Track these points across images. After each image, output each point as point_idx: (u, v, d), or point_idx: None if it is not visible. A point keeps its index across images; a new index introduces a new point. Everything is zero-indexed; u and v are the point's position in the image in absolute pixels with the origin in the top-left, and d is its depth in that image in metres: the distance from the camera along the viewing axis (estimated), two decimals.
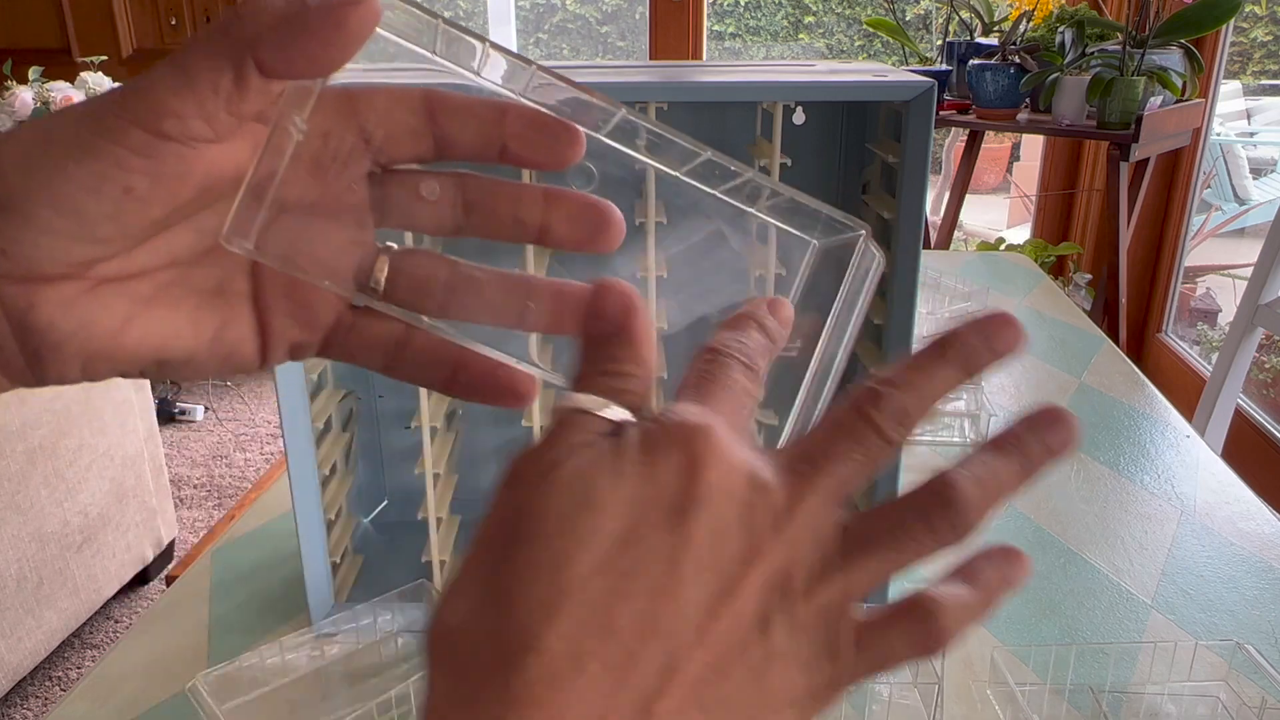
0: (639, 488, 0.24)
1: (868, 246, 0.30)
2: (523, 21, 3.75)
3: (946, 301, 1.31)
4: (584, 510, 0.23)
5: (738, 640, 0.24)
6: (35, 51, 3.15)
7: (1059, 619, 0.73)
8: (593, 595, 0.23)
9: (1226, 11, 2.10)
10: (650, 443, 0.25)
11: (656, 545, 0.23)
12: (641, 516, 0.24)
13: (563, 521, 0.23)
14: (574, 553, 0.23)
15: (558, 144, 0.30)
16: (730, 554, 0.24)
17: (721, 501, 0.24)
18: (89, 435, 1.81)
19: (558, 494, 0.24)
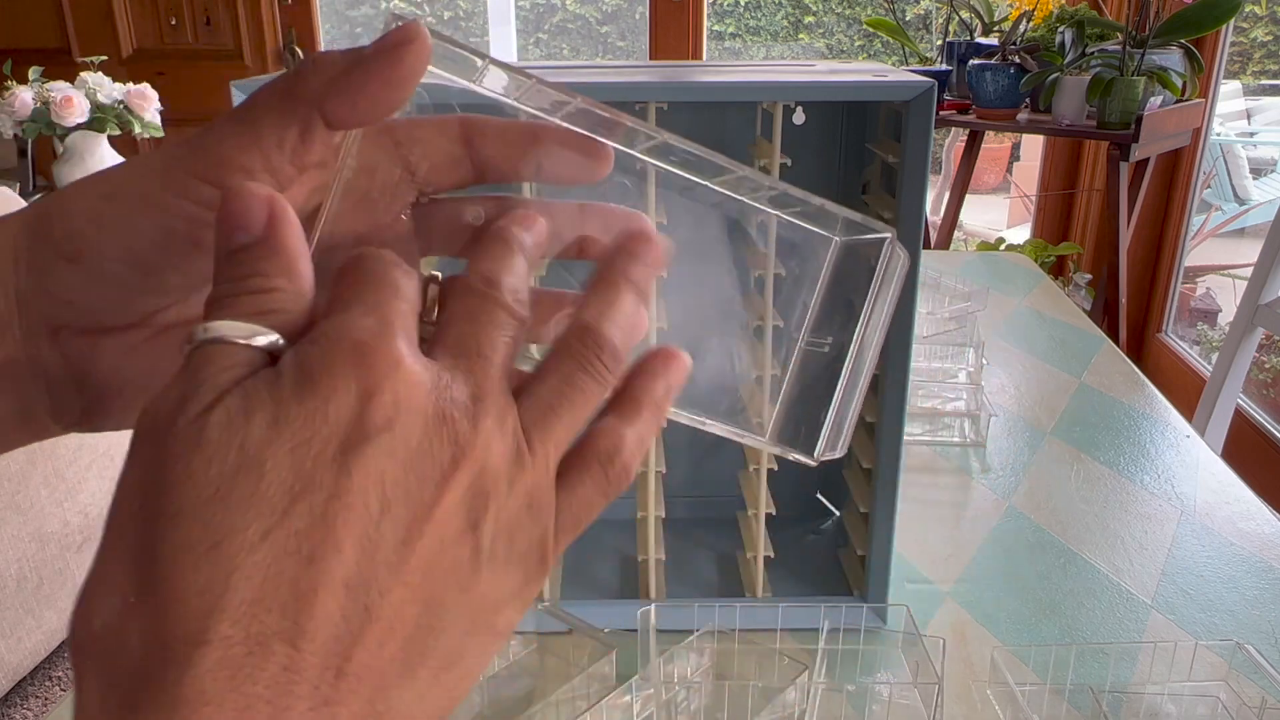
0: (302, 430, 0.21)
1: (894, 248, 0.31)
2: (523, 21, 3.75)
3: (946, 301, 1.31)
4: (241, 472, 0.20)
5: (442, 564, 0.22)
6: (35, 51, 3.15)
7: (1059, 619, 0.73)
8: (263, 565, 0.20)
9: (1226, 11, 2.10)
10: (307, 372, 0.21)
11: (329, 490, 0.21)
12: (310, 463, 0.21)
13: (216, 488, 0.20)
14: (235, 521, 0.20)
15: (588, 160, 0.30)
16: (419, 479, 0.22)
17: (401, 426, 0.22)
18: (89, 435, 1.81)
19: (204, 457, 0.20)
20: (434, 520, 0.22)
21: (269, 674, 0.20)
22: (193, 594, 0.20)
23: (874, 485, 0.70)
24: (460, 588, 0.23)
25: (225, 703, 0.19)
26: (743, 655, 0.67)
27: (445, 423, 0.22)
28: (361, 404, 0.21)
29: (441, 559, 0.22)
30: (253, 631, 0.20)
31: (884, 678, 0.67)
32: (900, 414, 0.66)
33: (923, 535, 0.84)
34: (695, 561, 0.79)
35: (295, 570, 0.20)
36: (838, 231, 0.31)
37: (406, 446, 0.22)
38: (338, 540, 0.21)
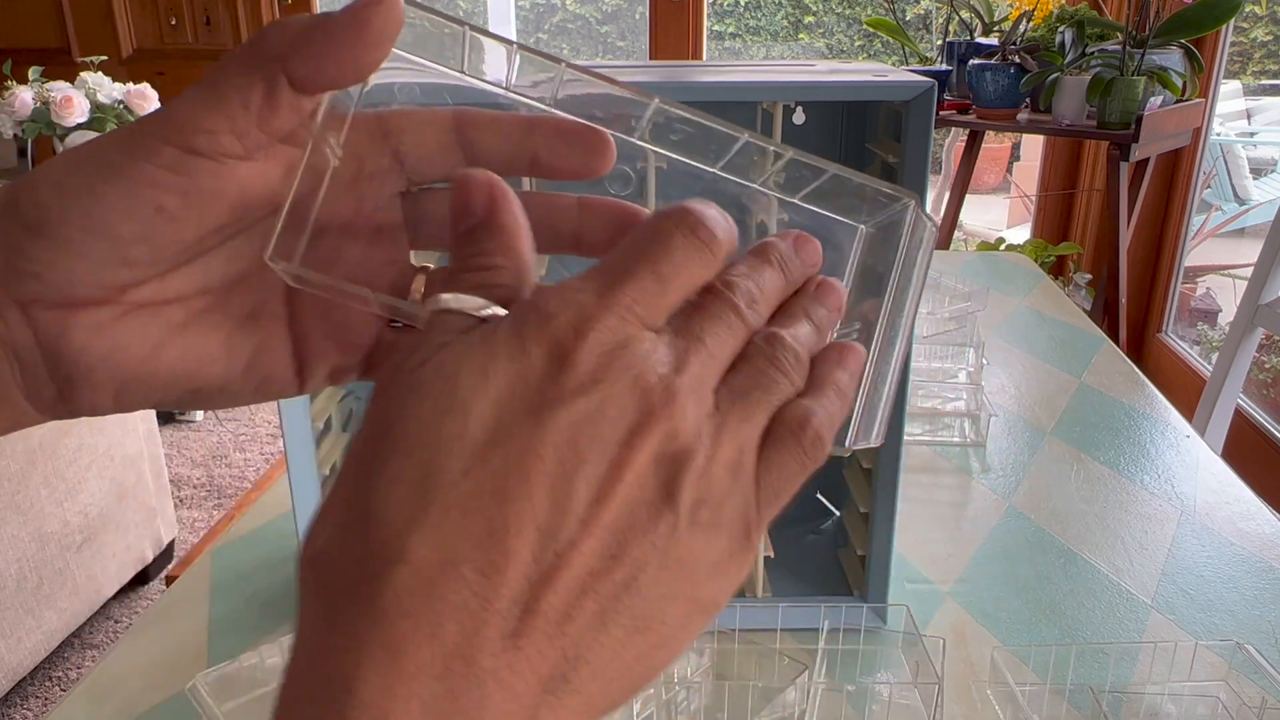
0: (505, 381, 0.23)
1: (918, 217, 0.29)
2: (523, 21, 3.75)
3: (946, 301, 1.31)
4: (447, 414, 0.22)
5: (636, 524, 0.23)
6: (35, 51, 3.15)
7: (1059, 619, 0.73)
8: (461, 499, 0.22)
9: (1226, 11, 2.10)
10: (514, 330, 0.23)
11: (525, 439, 0.22)
12: (509, 411, 0.23)
13: (426, 428, 0.22)
14: (439, 459, 0.22)
15: (590, 155, 0.30)
16: (609, 435, 0.23)
17: (600, 388, 0.23)
18: (89, 435, 1.81)
19: (419, 399, 0.23)
20: (626, 480, 0.23)
21: (460, 597, 0.21)
22: (396, 518, 0.22)
23: (874, 485, 0.70)
24: (658, 549, 0.23)
25: (420, 616, 0.21)
26: (743, 655, 0.67)
27: (640, 385, 0.23)
28: (558, 366, 0.23)
29: (635, 519, 0.23)
30: (448, 556, 0.21)
31: (884, 678, 0.67)
32: (900, 414, 0.66)
33: (923, 535, 0.84)
34: None
35: (490, 507, 0.22)
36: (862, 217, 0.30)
37: (602, 408, 0.23)
38: (530, 487, 0.22)
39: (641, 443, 0.23)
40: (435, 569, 0.21)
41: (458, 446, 0.22)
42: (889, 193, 0.29)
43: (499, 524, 0.22)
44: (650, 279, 0.25)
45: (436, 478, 0.22)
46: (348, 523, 0.23)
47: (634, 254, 0.25)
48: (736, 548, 0.25)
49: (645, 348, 0.24)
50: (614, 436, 0.23)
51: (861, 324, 0.29)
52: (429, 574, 0.21)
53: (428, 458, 0.22)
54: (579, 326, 0.23)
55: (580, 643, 0.22)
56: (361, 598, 0.21)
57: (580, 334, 0.23)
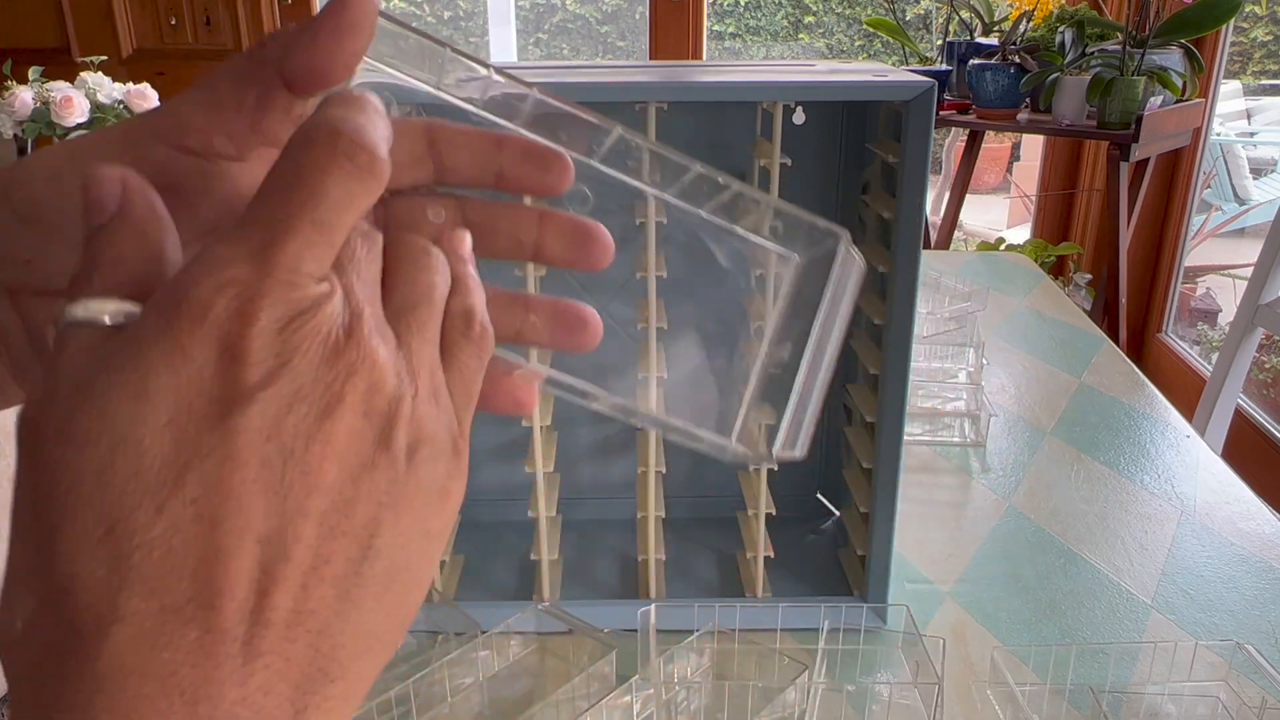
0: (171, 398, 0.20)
1: (848, 252, 0.31)
2: (523, 21, 3.75)
3: (946, 301, 1.31)
4: (111, 455, 0.20)
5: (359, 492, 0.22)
6: (35, 51, 3.15)
7: (1059, 619, 0.73)
8: (164, 538, 0.20)
9: (1226, 11, 2.10)
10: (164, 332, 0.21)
11: (218, 452, 0.20)
12: (187, 429, 0.20)
13: (95, 478, 0.20)
14: (123, 504, 0.20)
15: (549, 173, 0.30)
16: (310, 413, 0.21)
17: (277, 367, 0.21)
18: None
19: (77, 447, 0.20)
20: (337, 453, 0.22)
21: (190, 638, 0.20)
22: (96, 581, 0.20)
23: (874, 485, 0.70)
24: (385, 505, 0.23)
25: (147, 671, 0.19)
26: (743, 655, 0.67)
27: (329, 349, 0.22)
28: (233, 362, 0.21)
29: (357, 486, 0.22)
30: (166, 603, 0.20)
31: (884, 678, 0.67)
32: (900, 414, 0.66)
33: (923, 535, 0.84)
34: (695, 561, 0.79)
35: (200, 536, 0.20)
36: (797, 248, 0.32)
37: (296, 390, 0.21)
38: (239, 499, 0.20)
39: (346, 407, 0.22)
40: (154, 618, 0.20)
41: (139, 484, 0.20)
42: (823, 228, 0.32)
43: (213, 550, 0.20)
44: (311, 229, 0.22)
45: (126, 524, 0.20)
46: (44, 597, 0.20)
47: (285, 200, 0.22)
48: (453, 468, 0.25)
49: (324, 310, 0.22)
50: (313, 415, 0.21)
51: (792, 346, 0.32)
52: (149, 625, 0.20)
53: (110, 506, 0.20)
54: (243, 309, 0.21)
55: (330, 630, 0.22)
56: (78, 670, 0.19)
57: (248, 318, 0.21)
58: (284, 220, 0.22)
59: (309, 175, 0.22)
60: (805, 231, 0.32)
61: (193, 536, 0.20)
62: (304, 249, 0.22)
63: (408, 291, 0.25)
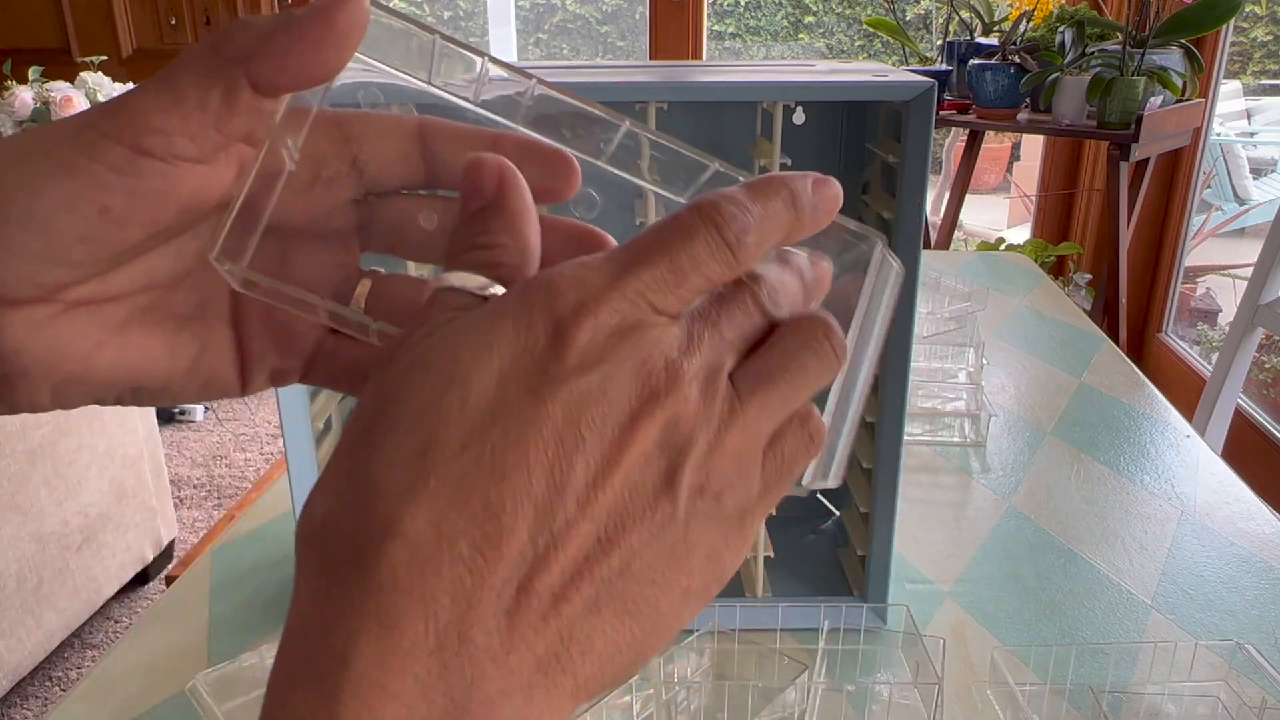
0: (508, 355, 0.22)
1: (885, 257, 0.29)
2: (523, 22, 3.74)
3: (946, 301, 1.31)
4: (446, 386, 0.22)
5: (634, 510, 0.23)
6: (35, 51, 3.15)
7: (1059, 619, 0.73)
8: (459, 474, 0.21)
9: (1226, 11, 2.10)
10: (520, 304, 0.23)
11: (525, 416, 0.22)
12: (511, 386, 0.22)
13: (427, 402, 0.22)
14: (439, 432, 0.22)
15: (554, 178, 0.29)
16: (610, 417, 0.23)
17: (594, 363, 0.23)
18: (89, 435, 1.81)
19: (422, 373, 0.23)
20: (625, 464, 0.23)
21: (455, 573, 0.21)
22: (395, 491, 0.21)
23: (874, 485, 0.70)
24: (654, 536, 0.23)
25: (413, 591, 0.21)
26: (743, 655, 0.67)
27: (644, 368, 0.23)
28: (563, 343, 0.23)
29: (634, 504, 0.23)
30: (443, 531, 0.21)
31: (884, 678, 0.67)
32: (900, 414, 0.66)
33: (923, 535, 0.84)
34: None
35: (487, 483, 0.22)
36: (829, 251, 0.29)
37: (604, 388, 0.23)
38: (529, 464, 0.22)
39: (643, 427, 0.23)
40: (431, 543, 0.21)
41: (457, 420, 0.22)
42: (856, 231, 0.29)
43: (495, 500, 0.21)
44: (665, 268, 0.24)
45: (435, 451, 0.22)
46: (345, 495, 0.22)
47: (653, 242, 0.24)
48: (734, 537, 0.25)
49: (654, 333, 0.23)
50: (615, 419, 0.23)
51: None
52: (424, 548, 0.21)
53: (427, 430, 0.22)
54: (584, 304, 0.23)
55: (574, 624, 0.22)
56: (357, 571, 0.21)
57: (584, 312, 0.23)
58: (646, 254, 0.24)
59: (680, 229, 0.24)
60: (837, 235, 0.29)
61: (482, 482, 0.22)
62: (654, 282, 0.24)
63: (774, 362, 0.25)
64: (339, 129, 0.29)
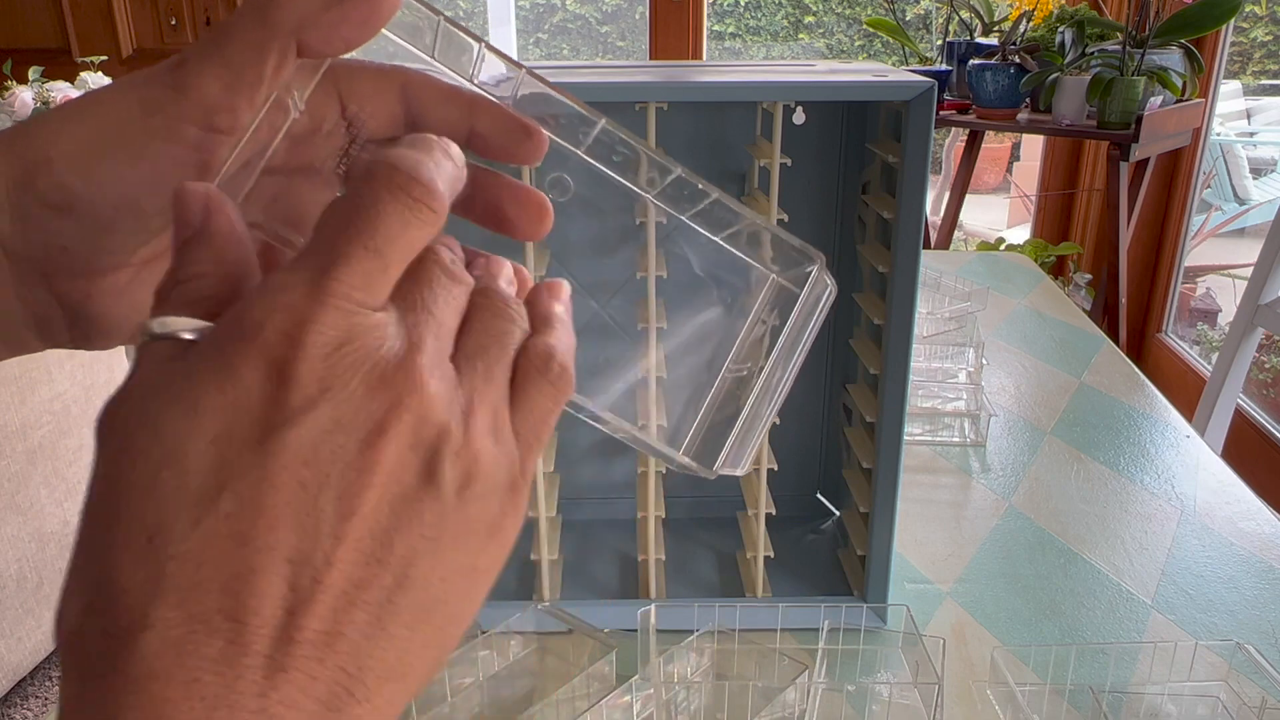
0: (219, 415, 0.21)
1: (821, 277, 0.31)
2: (523, 21, 3.74)
3: (946, 301, 1.31)
4: (165, 466, 0.21)
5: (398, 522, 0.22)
6: (35, 51, 3.15)
7: (1059, 619, 0.73)
8: (196, 551, 0.21)
9: (1226, 11, 2.10)
10: (218, 352, 0.22)
11: (254, 475, 0.21)
12: (230, 447, 0.21)
13: (142, 488, 0.21)
14: (166, 516, 0.21)
15: (520, 144, 0.30)
16: (351, 441, 0.22)
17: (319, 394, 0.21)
18: (89, 435, 1.80)
19: (131, 455, 0.21)
20: (376, 482, 0.22)
21: (215, 647, 0.20)
22: (134, 586, 0.21)
23: (874, 485, 0.70)
24: (428, 538, 0.23)
25: (172, 676, 0.20)
26: (743, 655, 0.67)
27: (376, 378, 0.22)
28: (278, 385, 0.21)
29: (398, 515, 0.22)
30: (194, 612, 0.20)
31: (884, 678, 0.67)
32: (900, 414, 0.66)
33: (923, 535, 0.84)
34: (695, 561, 0.79)
35: (231, 553, 0.21)
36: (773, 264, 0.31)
37: (336, 418, 0.22)
38: (270, 519, 0.21)
39: (388, 439, 0.22)
40: (181, 626, 0.20)
41: (180, 498, 0.21)
42: (800, 249, 0.31)
43: (243, 567, 0.21)
44: (365, 256, 0.23)
45: (165, 535, 0.21)
46: (91, 599, 0.21)
47: (342, 229, 0.23)
48: (509, 505, 0.25)
49: (374, 337, 0.22)
50: (356, 440, 0.22)
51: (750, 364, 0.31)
52: (176, 634, 0.20)
53: (153, 517, 0.21)
54: (292, 333, 0.21)
55: (358, 653, 0.22)
56: (112, 669, 0.20)
57: (295, 342, 0.21)
58: (339, 248, 0.23)
59: (365, 206, 0.23)
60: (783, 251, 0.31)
61: (224, 552, 0.21)
62: (357, 276, 0.22)
63: (480, 335, 0.25)
64: (330, 79, 0.30)
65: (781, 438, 0.81)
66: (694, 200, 0.31)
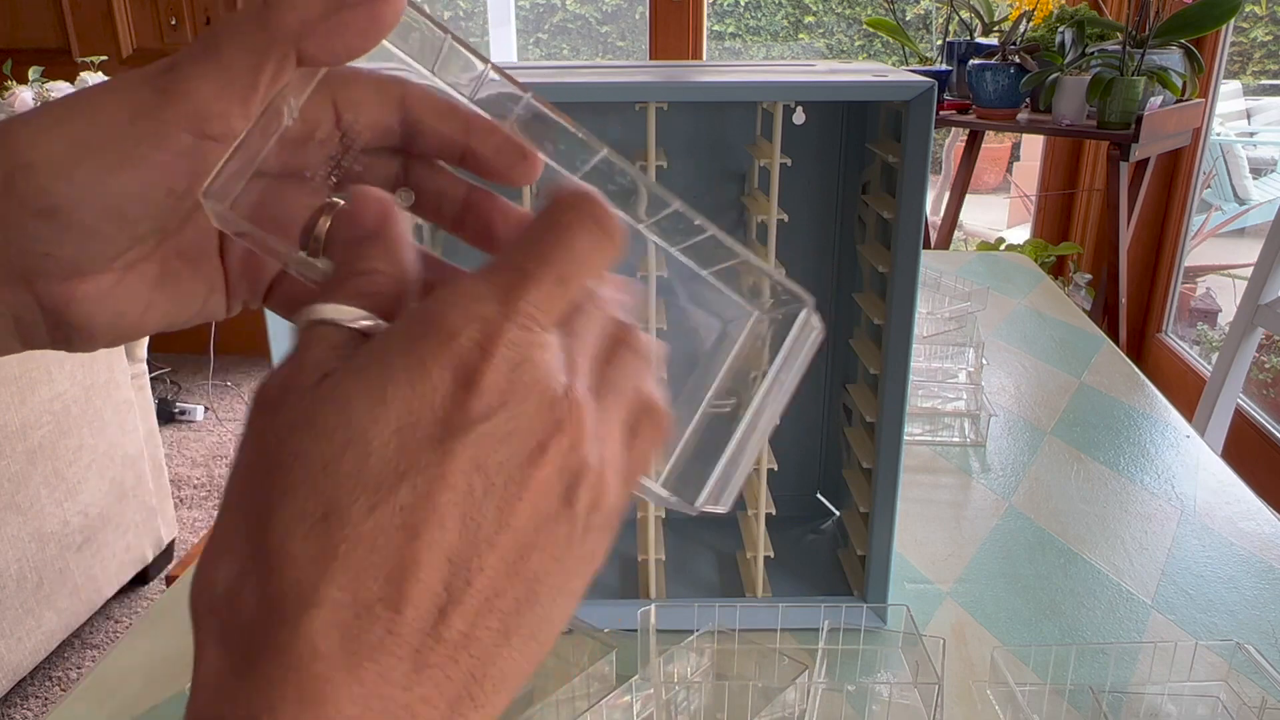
0: (406, 407, 0.22)
1: (809, 319, 0.31)
2: (523, 22, 3.74)
3: (946, 301, 1.31)
4: (344, 448, 0.21)
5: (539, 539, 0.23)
6: (35, 51, 3.15)
7: (1059, 619, 0.73)
8: (370, 535, 0.21)
9: (1226, 11, 2.10)
10: (410, 349, 0.22)
11: (433, 471, 0.22)
12: (412, 439, 0.22)
13: (323, 465, 0.21)
14: (343, 496, 0.21)
15: (514, 166, 0.31)
16: (518, 454, 0.23)
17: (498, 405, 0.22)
18: (89, 435, 1.81)
19: (314, 433, 0.22)
20: (530, 496, 0.23)
21: (375, 635, 0.21)
22: (305, 560, 0.21)
23: (874, 485, 0.70)
24: (556, 558, 0.24)
25: (335, 659, 0.20)
26: (743, 655, 0.67)
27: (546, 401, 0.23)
28: (465, 389, 0.22)
29: (538, 534, 0.23)
30: (360, 596, 0.21)
31: (884, 678, 0.67)
32: (900, 414, 0.66)
33: (923, 535, 0.84)
34: (695, 561, 0.79)
35: (400, 542, 0.21)
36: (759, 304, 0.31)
37: (511, 429, 0.23)
38: (441, 517, 0.22)
39: (548, 459, 0.23)
40: (348, 611, 0.21)
41: (360, 481, 0.21)
42: (792, 291, 0.31)
43: (410, 559, 0.21)
44: (553, 281, 0.24)
45: (341, 515, 0.21)
46: (248, 565, 0.21)
47: (537, 251, 0.24)
48: (609, 536, 0.26)
49: (548, 359, 0.23)
50: (521, 455, 0.23)
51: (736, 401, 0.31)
52: (342, 615, 0.21)
53: (330, 494, 0.21)
54: (484, 344, 0.22)
55: (485, 660, 0.22)
56: (274, 645, 0.20)
57: (487, 353, 0.22)
58: (533, 268, 0.24)
59: (561, 231, 0.24)
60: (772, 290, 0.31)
61: (394, 541, 0.21)
62: (544, 299, 0.24)
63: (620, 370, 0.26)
64: (326, 86, 0.30)
65: (781, 438, 0.81)
66: (688, 235, 0.31)
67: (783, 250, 0.76)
